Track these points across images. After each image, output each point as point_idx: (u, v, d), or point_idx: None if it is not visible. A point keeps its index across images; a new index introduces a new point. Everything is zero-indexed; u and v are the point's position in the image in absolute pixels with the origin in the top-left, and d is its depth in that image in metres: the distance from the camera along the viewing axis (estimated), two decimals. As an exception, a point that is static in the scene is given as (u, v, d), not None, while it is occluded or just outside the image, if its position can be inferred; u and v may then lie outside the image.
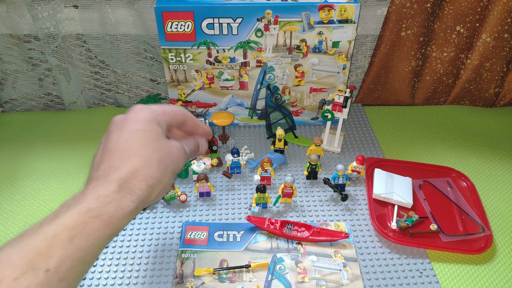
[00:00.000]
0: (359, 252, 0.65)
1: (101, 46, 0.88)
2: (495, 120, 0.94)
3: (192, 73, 0.82)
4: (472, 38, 0.88)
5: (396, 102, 0.98)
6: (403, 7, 0.82)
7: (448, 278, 0.62)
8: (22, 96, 0.95)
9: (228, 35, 0.76)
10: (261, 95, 0.85)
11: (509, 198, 0.75)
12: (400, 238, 0.66)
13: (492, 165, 0.82)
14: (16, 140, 0.87)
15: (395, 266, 0.63)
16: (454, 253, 0.65)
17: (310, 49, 0.79)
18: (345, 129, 0.90)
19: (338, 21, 0.75)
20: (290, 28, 0.76)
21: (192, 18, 0.74)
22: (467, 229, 0.68)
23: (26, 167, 0.80)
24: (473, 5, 0.83)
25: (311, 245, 0.65)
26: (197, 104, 0.87)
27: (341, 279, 0.60)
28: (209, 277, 0.60)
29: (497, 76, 0.93)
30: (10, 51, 0.87)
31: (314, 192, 0.75)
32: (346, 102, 0.76)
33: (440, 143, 0.88)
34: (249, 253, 0.64)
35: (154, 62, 0.91)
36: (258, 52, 0.79)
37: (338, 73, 0.82)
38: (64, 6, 0.82)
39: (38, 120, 0.93)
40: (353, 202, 0.73)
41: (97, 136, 0.88)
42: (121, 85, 0.94)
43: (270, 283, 0.59)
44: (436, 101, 0.99)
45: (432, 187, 0.75)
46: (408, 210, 0.70)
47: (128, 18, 0.83)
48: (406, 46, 0.88)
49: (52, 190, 0.76)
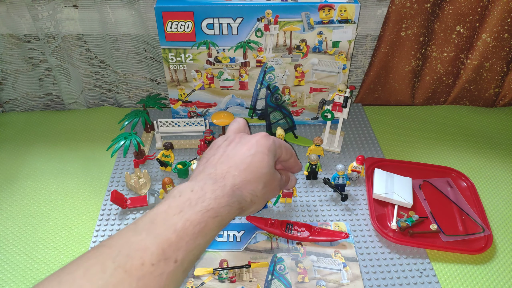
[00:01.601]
0: (359, 252, 0.65)
1: (101, 46, 0.88)
2: (495, 120, 0.94)
3: (192, 73, 0.82)
4: (472, 38, 0.88)
5: (396, 102, 0.98)
6: (403, 7, 0.82)
7: (448, 278, 0.62)
8: (22, 96, 0.95)
9: (228, 35, 0.76)
10: (261, 95, 0.85)
11: (509, 198, 0.75)
12: (400, 238, 0.66)
13: (492, 165, 0.82)
14: (16, 140, 0.87)
15: (395, 266, 0.63)
16: (454, 253, 0.65)
17: (310, 49, 0.79)
18: (345, 129, 0.90)
19: (338, 21, 0.75)
20: (290, 28, 0.76)
21: (192, 18, 0.74)
22: (467, 229, 0.68)
23: (26, 167, 0.80)
24: (473, 5, 0.83)
25: (311, 245, 0.65)
26: (197, 104, 0.87)
27: (341, 279, 0.60)
28: (209, 277, 0.60)
29: (497, 76, 0.93)
30: (10, 51, 0.87)
31: (314, 192, 0.75)
32: (346, 102, 0.76)
33: (440, 143, 0.88)
34: (249, 253, 0.64)
35: (154, 62, 0.91)
36: (258, 52, 0.79)
37: (338, 73, 0.82)
38: (64, 6, 0.82)
39: (38, 120, 0.93)
40: (353, 202, 0.73)
41: (97, 136, 0.88)
42: (121, 85, 0.94)
43: (270, 283, 0.59)
44: (436, 101, 0.99)
45: (432, 187, 0.75)
46: (408, 210, 0.70)
47: (128, 18, 0.83)
48: (406, 46, 0.88)
49: (52, 190, 0.76)
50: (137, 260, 0.36)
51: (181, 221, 0.40)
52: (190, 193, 0.43)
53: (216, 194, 0.44)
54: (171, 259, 0.38)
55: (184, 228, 0.40)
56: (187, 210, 0.41)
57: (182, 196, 0.43)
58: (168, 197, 0.44)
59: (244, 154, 0.50)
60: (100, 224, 0.69)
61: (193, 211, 0.41)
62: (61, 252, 0.65)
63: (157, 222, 0.40)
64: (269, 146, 0.52)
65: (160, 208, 0.42)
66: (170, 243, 0.38)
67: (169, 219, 0.40)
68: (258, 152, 0.51)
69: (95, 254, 0.37)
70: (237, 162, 0.49)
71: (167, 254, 0.38)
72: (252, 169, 0.49)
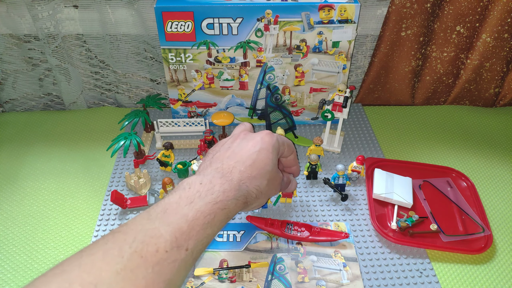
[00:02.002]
0: (359, 252, 0.65)
1: (101, 46, 0.88)
2: (495, 120, 0.94)
3: (192, 73, 0.82)
4: (472, 38, 0.88)
5: (396, 102, 0.98)
6: (403, 7, 0.82)
7: (448, 278, 0.62)
8: (22, 96, 0.95)
9: (228, 35, 0.76)
10: (261, 95, 0.85)
11: (509, 198, 0.75)
12: (400, 238, 0.66)
13: (492, 165, 0.82)
14: (16, 140, 0.87)
15: (395, 266, 0.63)
16: (454, 253, 0.65)
17: (310, 49, 0.79)
18: (345, 129, 0.90)
19: (338, 21, 0.75)
20: (290, 28, 0.76)
21: (192, 18, 0.74)
22: (467, 229, 0.68)
23: (26, 167, 0.80)
24: (473, 5, 0.83)
25: (311, 245, 0.65)
26: (197, 104, 0.87)
27: (341, 279, 0.60)
28: (209, 277, 0.60)
29: (497, 76, 0.93)
30: (10, 51, 0.87)
31: (314, 192, 0.75)
32: (346, 102, 0.76)
33: (440, 143, 0.88)
34: (249, 253, 0.64)
35: (154, 62, 0.91)
36: (258, 52, 0.79)
37: (338, 73, 0.82)
38: (64, 6, 0.82)
39: (38, 120, 0.93)
40: (353, 202, 0.73)
41: (97, 136, 0.88)
42: (121, 85, 0.94)
43: (270, 283, 0.59)
44: (436, 101, 0.99)
45: (432, 187, 0.75)
46: (408, 210, 0.70)
47: (128, 18, 0.83)
48: (406, 46, 0.88)
49: (52, 190, 0.76)
50: (152, 246, 0.38)
51: (192, 211, 0.42)
52: (199, 186, 0.45)
53: (224, 188, 0.46)
54: (183, 247, 0.39)
55: (195, 218, 0.42)
56: (198, 201, 0.43)
57: (191, 188, 0.45)
58: (178, 189, 0.45)
59: (249, 150, 0.52)
60: (100, 224, 0.69)
61: (203, 203, 0.43)
62: (61, 252, 0.65)
63: (169, 211, 0.42)
64: (273, 144, 0.54)
65: (171, 198, 0.44)
66: (182, 232, 0.40)
67: (181, 209, 0.42)
68: (263, 149, 0.52)
69: (112, 239, 0.38)
70: (243, 157, 0.51)
71: (180, 242, 0.39)
72: (257, 165, 0.51)
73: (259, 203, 0.53)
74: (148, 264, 0.37)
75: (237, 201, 0.47)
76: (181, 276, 0.40)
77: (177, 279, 0.39)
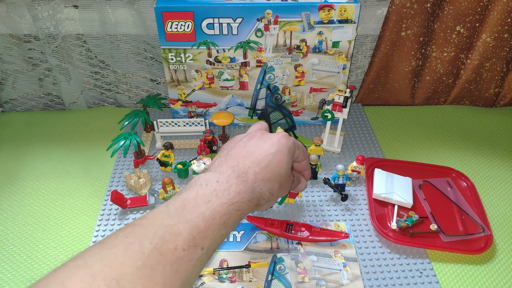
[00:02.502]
0: (359, 252, 0.65)
1: (101, 46, 0.88)
2: (495, 120, 0.94)
3: (192, 73, 0.82)
4: (472, 38, 0.88)
5: (396, 102, 0.98)
6: (403, 7, 0.82)
7: (448, 278, 0.62)
8: (22, 96, 0.95)
9: (228, 35, 0.76)
10: (261, 95, 0.85)
11: (509, 198, 0.75)
12: (400, 238, 0.66)
13: (492, 165, 0.82)
14: (16, 140, 0.87)
15: (395, 266, 0.63)
16: (454, 253, 0.65)
17: (310, 49, 0.79)
18: (345, 129, 0.90)
19: (338, 21, 0.75)
20: (290, 28, 0.76)
21: (192, 18, 0.74)
22: (467, 229, 0.68)
23: (26, 167, 0.80)
24: (473, 5, 0.83)
25: (311, 245, 0.65)
26: (197, 104, 0.87)
27: (341, 279, 0.60)
28: (209, 277, 0.60)
29: (497, 76, 0.93)
30: (10, 51, 0.87)
31: (314, 192, 0.75)
32: (346, 102, 0.76)
33: (440, 143, 0.88)
34: (249, 253, 0.64)
35: (154, 62, 0.91)
36: (258, 52, 0.79)
37: (338, 73, 0.82)
38: (64, 6, 0.82)
39: (38, 120, 0.93)
40: (353, 202, 0.73)
41: (97, 136, 0.88)
42: (121, 85, 0.94)
43: (270, 283, 0.59)
44: (436, 101, 0.99)
45: (432, 187, 0.75)
46: (408, 210, 0.70)
47: (128, 18, 0.83)
48: (406, 46, 0.88)
49: (52, 190, 0.76)
50: (171, 244, 0.38)
51: (209, 210, 0.42)
52: (216, 184, 0.45)
53: (240, 189, 0.46)
54: (199, 246, 0.39)
55: (212, 217, 0.41)
56: (215, 201, 0.43)
57: (208, 186, 0.45)
58: (195, 184, 0.45)
59: (266, 151, 0.51)
60: (100, 224, 0.69)
61: (220, 202, 0.43)
62: (61, 252, 0.65)
63: (187, 208, 0.41)
64: (290, 147, 0.53)
65: (189, 194, 0.43)
66: (199, 230, 0.40)
67: (199, 207, 0.42)
68: (279, 151, 0.51)
69: (132, 232, 0.38)
70: (259, 158, 0.50)
71: (196, 241, 0.39)
72: (272, 167, 0.50)
73: (269, 205, 0.52)
74: (167, 261, 0.37)
75: (250, 203, 0.46)
76: (196, 275, 0.40)
77: (191, 278, 0.39)
